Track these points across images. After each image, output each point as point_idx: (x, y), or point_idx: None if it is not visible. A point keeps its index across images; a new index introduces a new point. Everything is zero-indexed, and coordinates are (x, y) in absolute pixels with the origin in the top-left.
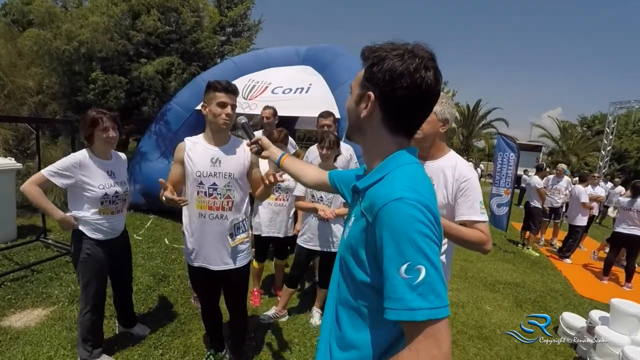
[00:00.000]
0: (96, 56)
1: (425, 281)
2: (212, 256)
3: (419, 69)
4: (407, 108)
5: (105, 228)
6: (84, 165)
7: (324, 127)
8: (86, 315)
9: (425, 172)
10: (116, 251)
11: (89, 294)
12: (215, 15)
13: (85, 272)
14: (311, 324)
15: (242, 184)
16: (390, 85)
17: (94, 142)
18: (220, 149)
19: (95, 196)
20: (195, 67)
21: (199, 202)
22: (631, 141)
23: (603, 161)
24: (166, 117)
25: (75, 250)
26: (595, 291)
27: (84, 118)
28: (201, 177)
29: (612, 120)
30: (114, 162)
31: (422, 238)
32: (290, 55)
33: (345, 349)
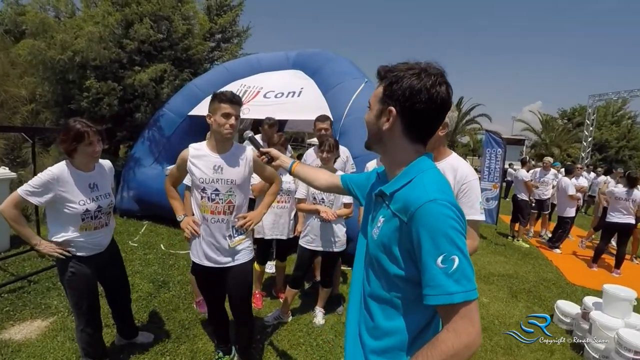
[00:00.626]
0: (90, 65)
1: (459, 269)
2: (212, 256)
3: (434, 85)
4: (425, 120)
5: (88, 245)
6: (62, 179)
7: (321, 130)
8: (83, 331)
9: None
10: (104, 265)
11: (81, 312)
12: (205, 22)
13: (73, 291)
14: (315, 323)
15: (243, 188)
16: (410, 100)
17: (75, 156)
18: (223, 157)
19: (76, 212)
20: (187, 73)
21: (202, 205)
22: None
23: (585, 152)
24: (159, 123)
25: (60, 270)
26: (586, 279)
27: (66, 130)
28: (204, 183)
29: (592, 112)
30: (96, 173)
31: (454, 232)
32: (281, 61)
33: (379, 337)
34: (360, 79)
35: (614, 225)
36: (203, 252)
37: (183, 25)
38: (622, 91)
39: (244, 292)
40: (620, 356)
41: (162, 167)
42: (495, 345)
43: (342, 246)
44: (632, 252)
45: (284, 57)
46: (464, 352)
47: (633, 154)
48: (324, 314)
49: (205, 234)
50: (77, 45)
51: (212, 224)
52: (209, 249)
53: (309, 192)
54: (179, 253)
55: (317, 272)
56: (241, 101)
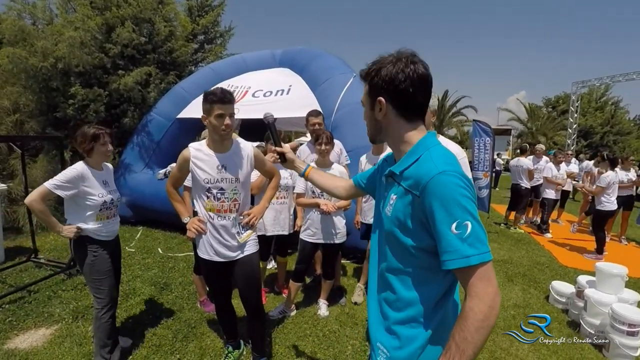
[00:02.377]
0: (73, 71)
1: (472, 233)
2: (222, 251)
3: (408, 65)
4: (412, 97)
5: (105, 232)
6: (85, 176)
7: (315, 125)
8: (103, 316)
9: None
10: (112, 253)
11: (103, 294)
12: (187, 23)
13: (96, 274)
14: (319, 315)
15: (246, 185)
16: (392, 84)
17: (92, 155)
18: (225, 156)
19: (96, 204)
20: (172, 76)
21: (208, 205)
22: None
23: (570, 139)
24: (148, 127)
25: (80, 258)
26: (577, 261)
27: (83, 134)
28: (209, 184)
29: (576, 99)
30: (105, 172)
31: (465, 200)
32: (267, 59)
33: (401, 309)
34: (349, 73)
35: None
36: (213, 248)
37: (165, 27)
38: (605, 77)
39: (252, 282)
40: (615, 329)
41: (154, 172)
42: (495, 327)
43: (343, 237)
44: (621, 233)
45: (269, 55)
46: (490, 312)
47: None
48: (328, 305)
49: (213, 232)
50: (58, 51)
51: (218, 222)
52: (218, 245)
53: (308, 185)
54: (178, 256)
55: (318, 265)
56: (233, 98)
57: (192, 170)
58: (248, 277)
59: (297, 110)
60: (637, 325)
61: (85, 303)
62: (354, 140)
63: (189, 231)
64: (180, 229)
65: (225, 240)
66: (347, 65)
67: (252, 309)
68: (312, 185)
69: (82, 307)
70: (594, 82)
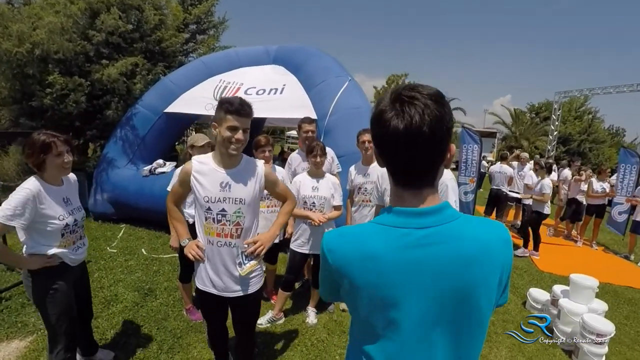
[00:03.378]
0: (52, 58)
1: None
2: (220, 283)
3: (382, 112)
4: (385, 153)
5: (69, 259)
6: (40, 195)
7: (308, 132)
8: (58, 354)
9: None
10: (76, 280)
11: (60, 331)
12: (179, 12)
13: (54, 309)
14: (308, 323)
15: (253, 208)
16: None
17: (46, 169)
18: (231, 172)
19: (57, 228)
20: (160, 67)
21: (207, 228)
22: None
23: (551, 145)
24: (132, 121)
25: (38, 288)
26: (553, 266)
27: (31, 143)
28: (209, 202)
29: (558, 107)
30: (65, 187)
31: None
32: (261, 55)
33: None
34: (344, 76)
35: None
36: (209, 278)
37: (155, 15)
38: (585, 89)
39: (252, 322)
40: (585, 338)
41: (138, 168)
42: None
43: None
44: (592, 238)
45: (264, 51)
46: None
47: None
48: (316, 313)
49: (211, 258)
50: (36, 36)
51: (218, 247)
52: (215, 276)
53: (299, 196)
54: (163, 257)
55: (307, 271)
56: (252, 112)
57: (192, 186)
58: (248, 317)
59: (290, 111)
60: (604, 335)
61: None
62: (347, 145)
63: (188, 255)
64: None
65: (223, 269)
66: (343, 67)
67: (245, 340)
68: (304, 196)
69: None
70: (575, 92)
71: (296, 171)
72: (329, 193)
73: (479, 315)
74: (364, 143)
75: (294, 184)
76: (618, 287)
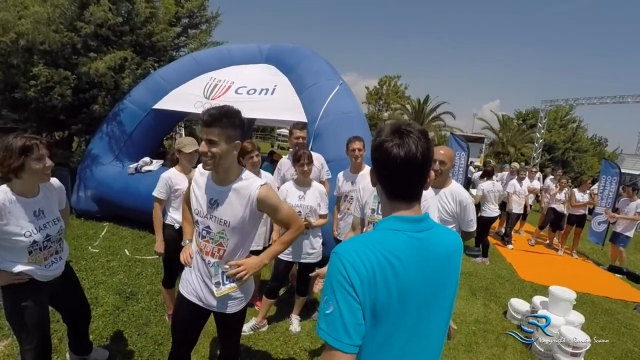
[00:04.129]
0: (37, 49)
1: (331, 315)
2: (202, 294)
3: (386, 141)
4: (387, 174)
5: (39, 275)
6: (4, 209)
7: (299, 138)
8: (29, 351)
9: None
10: (57, 290)
11: (30, 347)
12: (171, 6)
13: (23, 325)
14: (291, 331)
15: (240, 232)
16: (374, 156)
17: (22, 176)
18: (222, 190)
19: (22, 246)
20: (150, 62)
21: (196, 239)
22: (559, 134)
23: (536, 152)
24: (119, 117)
25: (7, 304)
26: (534, 275)
27: (7, 147)
28: (198, 216)
29: (544, 115)
30: (41, 197)
31: (337, 285)
32: (253, 53)
33: None
34: (335, 80)
35: None
36: (192, 286)
37: (146, 8)
38: (570, 99)
39: (235, 339)
40: (562, 350)
41: (123, 166)
42: (457, 344)
43: (318, 257)
44: (572, 248)
45: (256, 49)
46: None
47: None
48: (300, 320)
49: (198, 267)
50: (21, 26)
51: (202, 261)
52: (197, 285)
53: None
54: (146, 259)
55: (292, 277)
56: (218, 119)
57: (191, 193)
58: (230, 335)
59: (281, 113)
60: (580, 348)
61: None
62: (336, 150)
63: (180, 257)
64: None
65: (205, 282)
66: (335, 70)
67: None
68: (290, 204)
69: None
70: (560, 102)
71: (285, 176)
72: (315, 202)
73: (451, 297)
74: (354, 151)
75: (281, 193)
76: (596, 298)
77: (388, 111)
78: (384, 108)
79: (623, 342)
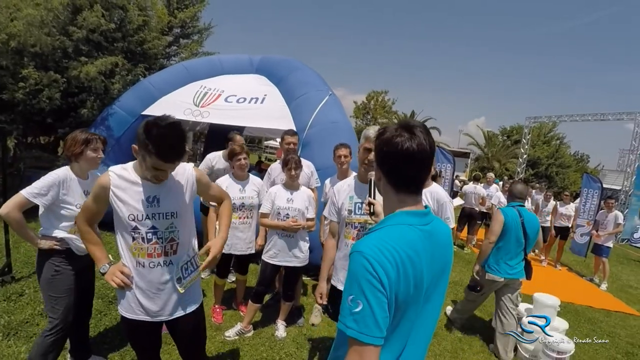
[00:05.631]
0: (28, 51)
1: (361, 313)
2: (153, 307)
3: (396, 136)
4: (396, 167)
5: (76, 247)
6: (65, 182)
7: (290, 144)
8: (47, 338)
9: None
10: (81, 270)
11: (57, 314)
12: (164, 15)
13: (53, 291)
14: (277, 336)
15: (187, 219)
16: (382, 151)
17: (79, 161)
18: (157, 185)
19: (71, 214)
20: (141, 68)
21: (136, 249)
22: (542, 150)
23: (520, 167)
24: (108, 121)
25: (40, 269)
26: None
27: (74, 137)
28: (135, 221)
29: (528, 131)
30: (90, 181)
31: (365, 282)
32: (244, 64)
33: None
34: (324, 91)
35: None
36: (139, 304)
37: (139, 16)
38: (553, 116)
39: (199, 342)
40: (546, 355)
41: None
42: (443, 350)
43: (305, 261)
44: (556, 259)
45: (247, 60)
46: None
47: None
48: (286, 326)
49: (141, 283)
50: (13, 27)
51: (150, 269)
52: (147, 300)
53: (274, 207)
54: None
55: (279, 283)
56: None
57: (112, 203)
58: (194, 337)
59: (270, 122)
60: (564, 353)
61: (19, 317)
62: (324, 159)
63: (111, 283)
64: None
65: (157, 292)
66: (324, 82)
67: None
68: (278, 206)
69: (16, 322)
70: (544, 118)
71: (275, 181)
72: (303, 205)
73: (447, 280)
74: (340, 157)
75: (269, 195)
76: (579, 307)
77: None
78: (371, 122)
79: (606, 349)
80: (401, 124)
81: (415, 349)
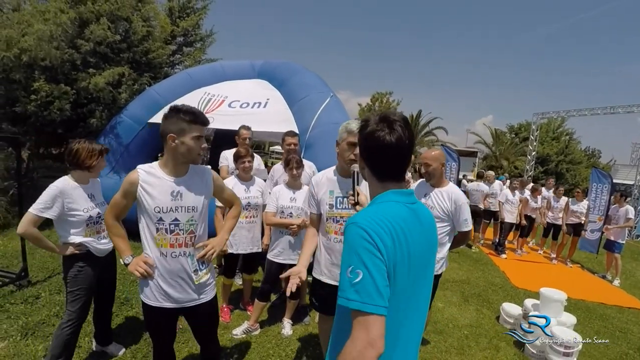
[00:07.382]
0: (39, 65)
1: (361, 282)
2: (176, 294)
3: (377, 130)
4: (379, 159)
5: (94, 248)
6: (66, 192)
7: (290, 145)
8: (65, 329)
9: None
10: (104, 266)
11: (75, 307)
12: (167, 25)
13: (75, 287)
14: (283, 334)
15: (205, 215)
16: (365, 143)
17: (92, 170)
18: (181, 180)
19: (81, 219)
20: (146, 78)
21: (160, 239)
22: (551, 146)
23: (529, 165)
24: (116, 130)
25: (67, 269)
26: (527, 282)
27: (92, 149)
28: (161, 213)
29: (536, 128)
30: (91, 185)
31: (363, 250)
32: (246, 69)
33: None
34: (326, 93)
35: None
36: (163, 292)
37: (143, 27)
38: (561, 111)
39: (213, 329)
40: (554, 350)
41: (120, 178)
42: (449, 347)
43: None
44: (568, 256)
45: (249, 65)
46: (358, 357)
47: (570, 167)
48: (292, 324)
49: (164, 272)
50: (24, 42)
51: (172, 259)
52: (170, 288)
53: (277, 205)
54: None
55: (284, 282)
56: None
57: (139, 197)
58: (209, 324)
59: (273, 125)
60: (572, 347)
61: (36, 319)
62: (327, 160)
63: (134, 273)
64: None
65: (179, 280)
66: (325, 84)
67: (209, 351)
68: (282, 205)
69: (33, 322)
70: (552, 114)
71: (278, 182)
72: (306, 204)
73: (434, 264)
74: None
75: (273, 194)
76: (590, 304)
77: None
78: None
79: (618, 345)
80: (381, 116)
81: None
